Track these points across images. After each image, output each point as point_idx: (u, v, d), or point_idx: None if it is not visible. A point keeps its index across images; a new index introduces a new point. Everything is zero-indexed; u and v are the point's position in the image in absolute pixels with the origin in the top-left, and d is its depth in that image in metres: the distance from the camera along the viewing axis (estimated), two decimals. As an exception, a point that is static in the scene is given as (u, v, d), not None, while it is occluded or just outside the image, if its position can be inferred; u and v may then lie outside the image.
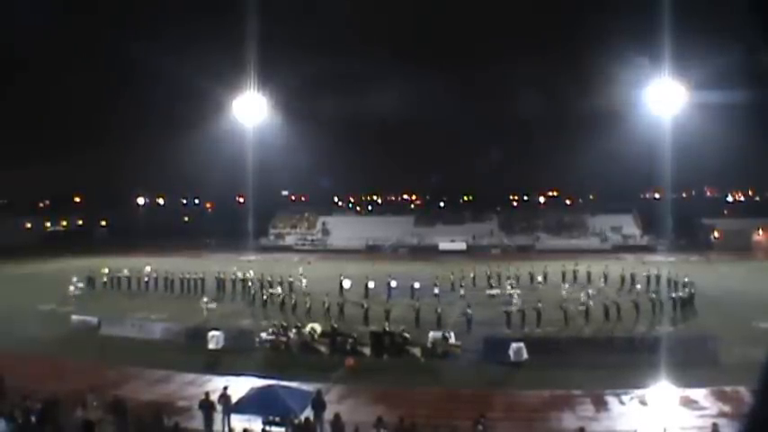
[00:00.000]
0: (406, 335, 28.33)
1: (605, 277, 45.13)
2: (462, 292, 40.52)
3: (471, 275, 45.50)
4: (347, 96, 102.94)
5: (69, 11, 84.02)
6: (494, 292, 41.54)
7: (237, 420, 18.72)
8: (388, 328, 29.06)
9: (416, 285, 40.85)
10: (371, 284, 41.76)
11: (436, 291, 40.13)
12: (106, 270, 47.87)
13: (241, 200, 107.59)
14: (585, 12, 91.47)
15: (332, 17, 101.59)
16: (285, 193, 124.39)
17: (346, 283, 41.98)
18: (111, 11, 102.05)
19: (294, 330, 29.44)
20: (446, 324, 32.02)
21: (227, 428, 18.90)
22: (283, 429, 18.01)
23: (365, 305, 34.86)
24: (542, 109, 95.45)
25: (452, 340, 28.18)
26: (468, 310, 32.72)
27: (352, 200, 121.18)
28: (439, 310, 33.27)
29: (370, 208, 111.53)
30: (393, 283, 41.66)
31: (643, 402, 21.46)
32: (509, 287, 40.84)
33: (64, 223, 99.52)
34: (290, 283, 42.61)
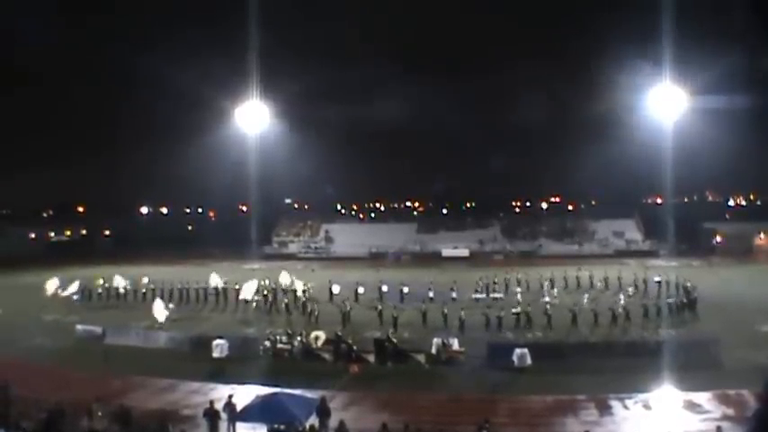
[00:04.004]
0: (394, 339, 28.67)
1: (606, 282, 45.25)
2: (454, 295, 41.04)
3: (478, 281, 45.52)
4: (349, 104, 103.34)
5: (73, 21, 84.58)
6: (479, 296, 42.23)
7: (242, 428, 18.80)
8: (391, 335, 29.24)
9: (405, 290, 42.32)
10: (361, 290, 43.10)
11: (431, 294, 40.67)
12: (101, 281, 46.89)
13: (244, 208, 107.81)
14: (586, 18, 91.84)
15: (334, 25, 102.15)
16: (288, 201, 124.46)
17: (335, 289, 43.38)
18: (113, 21, 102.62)
19: (298, 338, 29.60)
20: (451, 327, 32.66)
21: (232, 436, 18.97)
22: (288, 437, 18.07)
23: (379, 307, 36.34)
24: (544, 115, 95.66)
25: (455, 346, 28.26)
26: (487, 310, 34.20)
27: (355, 207, 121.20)
28: (445, 311, 34.29)
29: (373, 215, 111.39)
30: (384, 288, 42.92)
31: (647, 406, 21.50)
32: (494, 291, 42.87)
33: (68, 233, 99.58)
34: (304, 291, 42.58)
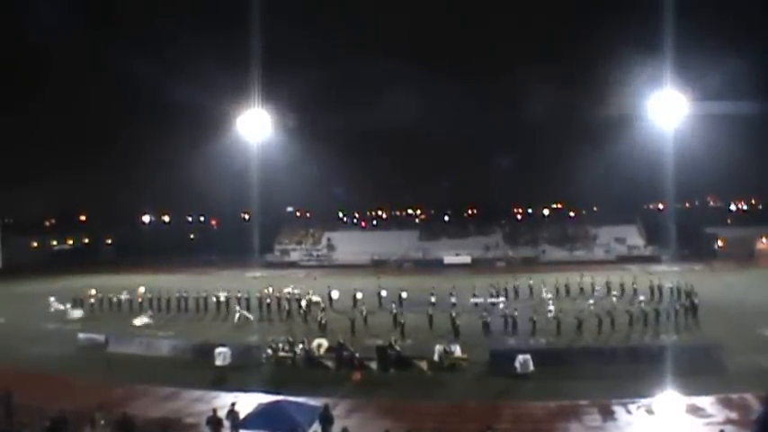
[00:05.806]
0: (397, 347, 28.67)
1: (608, 288, 45.08)
2: (454, 300, 41.23)
3: (489, 288, 45.40)
4: (351, 112, 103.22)
5: (74, 29, 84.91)
6: (477, 300, 42.48)
7: (245, 436, 18.75)
8: (394, 341, 29.23)
9: (404, 295, 42.60)
10: (359, 295, 43.31)
11: (433, 300, 40.78)
12: (93, 292, 45.87)
13: (246, 216, 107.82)
14: (588, 25, 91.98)
15: (335, 34, 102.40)
16: (290, 209, 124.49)
17: (335, 294, 43.82)
18: (114, 30, 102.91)
19: (300, 345, 29.62)
20: (454, 332, 32.89)
21: (235, 444, 18.95)
22: (291, 444, 18.05)
23: (394, 311, 36.77)
24: (545, 122, 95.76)
25: (458, 353, 28.26)
26: (484, 313, 35.09)
27: (356, 215, 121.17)
28: (453, 314, 34.70)
29: (374, 223, 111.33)
30: (383, 293, 43.36)
31: (650, 411, 21.46)
32: (491, 296, 43.12)
33: (70, 242, 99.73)
34: (309, 301, 42.37)
